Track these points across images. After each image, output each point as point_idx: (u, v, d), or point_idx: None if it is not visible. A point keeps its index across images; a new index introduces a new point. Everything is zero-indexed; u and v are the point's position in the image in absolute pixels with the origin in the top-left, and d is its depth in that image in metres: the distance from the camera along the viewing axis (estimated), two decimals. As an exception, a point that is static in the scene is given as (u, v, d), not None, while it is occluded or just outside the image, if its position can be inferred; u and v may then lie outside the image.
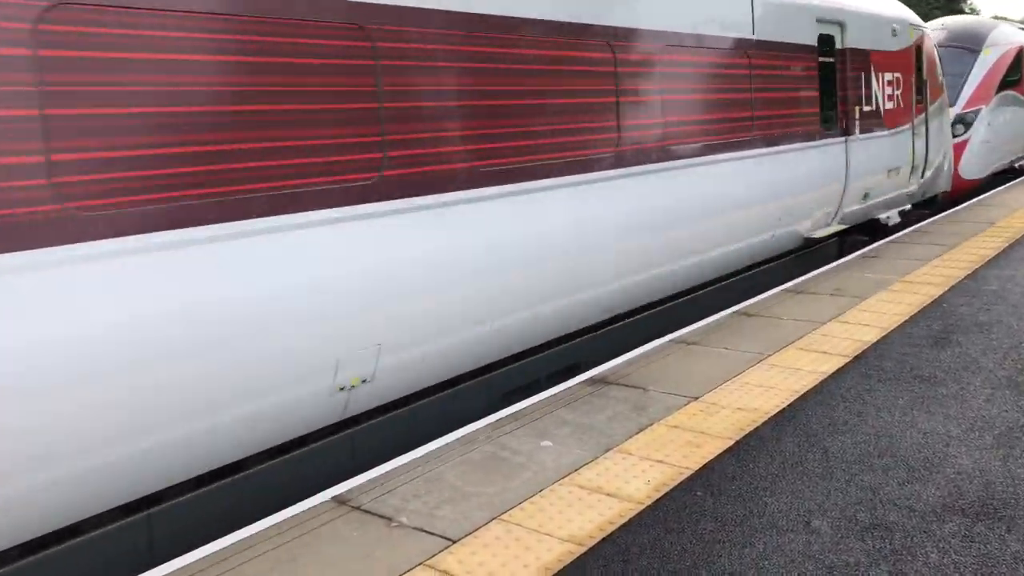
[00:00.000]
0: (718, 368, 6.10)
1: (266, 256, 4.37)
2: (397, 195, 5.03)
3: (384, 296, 4.94)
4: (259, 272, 4.33)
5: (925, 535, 3.71)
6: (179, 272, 4.01)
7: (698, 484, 4.30)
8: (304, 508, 4.17)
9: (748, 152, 8.55)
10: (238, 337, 4.22)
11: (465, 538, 3.82)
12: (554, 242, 6.19)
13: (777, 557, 3.59)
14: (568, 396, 5.64)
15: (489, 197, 5.66)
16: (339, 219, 4.71)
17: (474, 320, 5.59)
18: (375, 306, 4.90)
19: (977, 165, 16.72)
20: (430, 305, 5.25)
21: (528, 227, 5.98)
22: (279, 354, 4.42)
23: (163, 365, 3.93)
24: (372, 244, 4.89)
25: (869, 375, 5.85)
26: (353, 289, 4.76)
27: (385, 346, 4.96)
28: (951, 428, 4.86)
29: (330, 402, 4.81)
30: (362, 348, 4.81)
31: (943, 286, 8.36)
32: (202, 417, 4.16)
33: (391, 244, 5.00)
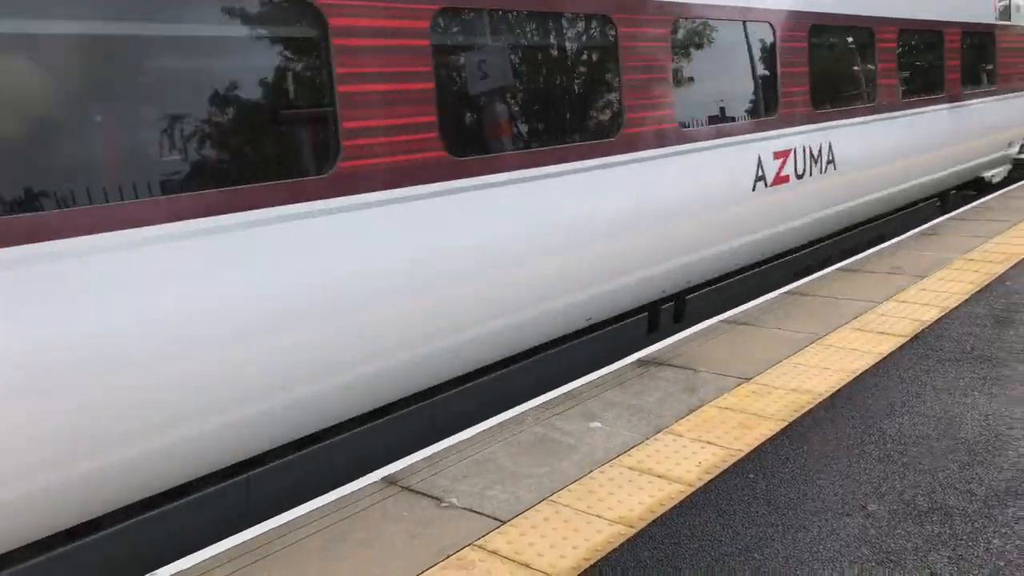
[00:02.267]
0: (770, 349, 5.99)
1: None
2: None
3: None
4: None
5: (987, 520, 3.60)
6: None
7: (750, 467, 4.24)
8: (354, 488, 4.21)
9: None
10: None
11: (514, 519, 3.83)
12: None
13: (832, 542, 3.52)
14: (617, 377, 5.60)
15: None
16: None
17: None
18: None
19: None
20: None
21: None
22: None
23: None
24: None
25: (928, 355, 5.69)
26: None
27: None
28: (1014, 410, 4.71)
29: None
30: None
31: (1005, 263, 8.09)
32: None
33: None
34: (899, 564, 3.32)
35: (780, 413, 4.84)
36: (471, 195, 5.03)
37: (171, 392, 3.76)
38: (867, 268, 8.31)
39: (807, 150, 8.23)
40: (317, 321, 4.27)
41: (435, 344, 4.90)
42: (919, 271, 8.02)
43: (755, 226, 7.63)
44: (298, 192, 4.18)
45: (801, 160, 8.15)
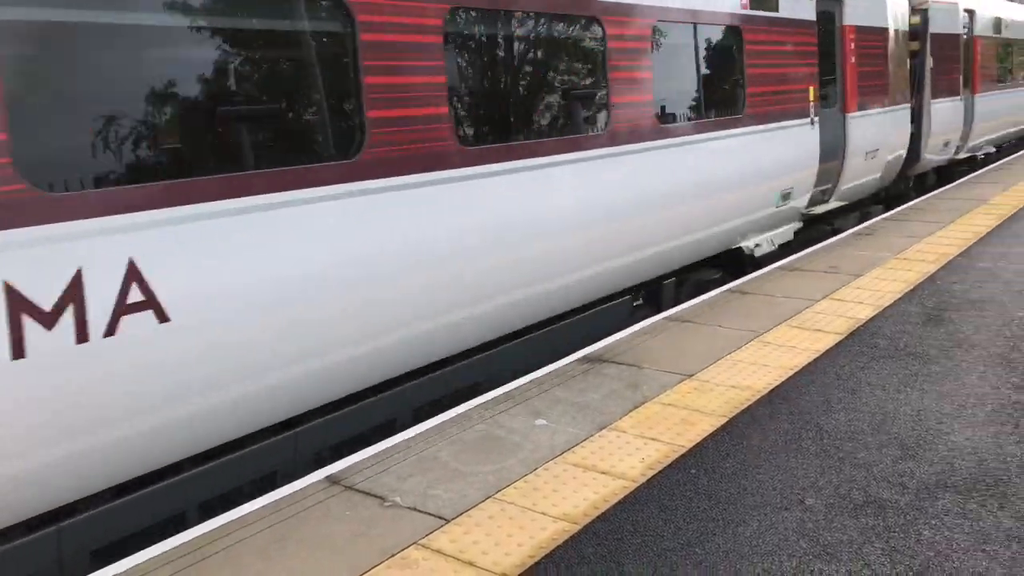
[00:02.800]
0: (712, 346, 6.09)
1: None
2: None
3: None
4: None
5: (918, 512, 3.72)
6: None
7: (692, 462, 4.30)
8: (296, 488, 4.15)
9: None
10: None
11: (459, 517, 3.82)
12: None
13: (771, 535, 3.59)
14: (562, 375, 5.63)
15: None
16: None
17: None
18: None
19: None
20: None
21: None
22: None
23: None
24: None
25: (863, 352, 5.85)
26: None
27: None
28: (944, 405, 4.87)
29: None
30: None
31: (937, 263, 8.36)
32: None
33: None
34: (835, 557, 3.41)
35: (721, 409, 4.92)
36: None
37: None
38: (805, 267, 8.50)
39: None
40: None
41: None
42: (855, 270, 8.24)
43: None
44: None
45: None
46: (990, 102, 17.47)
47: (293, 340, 4.47)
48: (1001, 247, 9.05)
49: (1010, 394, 4.98)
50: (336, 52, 4.78)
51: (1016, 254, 8.67)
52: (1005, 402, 4.86)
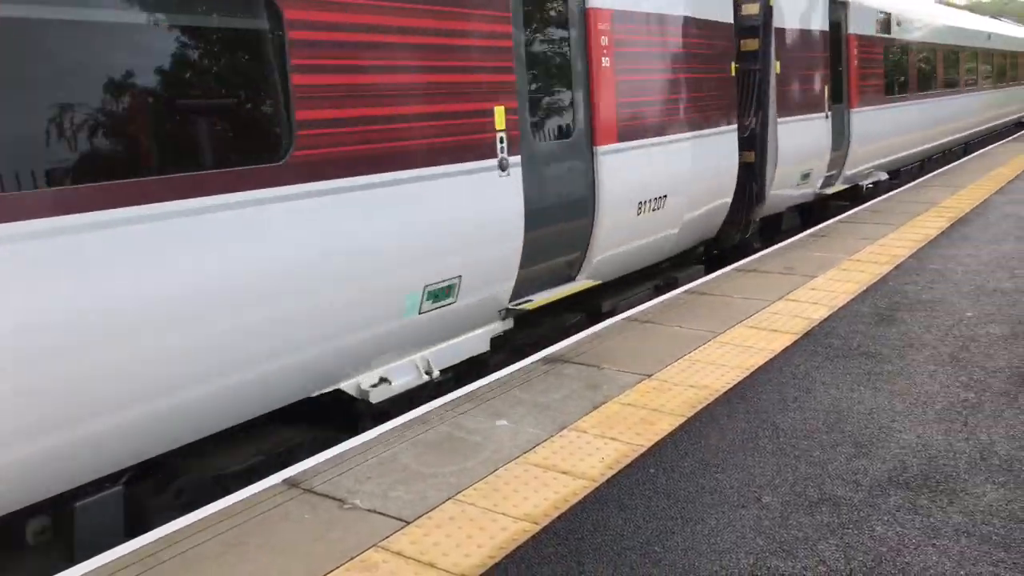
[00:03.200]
0: (671, 346, 6.15)
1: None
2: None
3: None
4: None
5: (871, 508, 3.79)
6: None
7: (651, 461, 4.34)
8: (254, 491, 4.11)
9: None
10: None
11: (419, 519, 3.81)
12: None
13: (728, 533, 3.64)
14: (523, 375, 5.64)
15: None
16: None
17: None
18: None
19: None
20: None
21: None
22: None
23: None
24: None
25: (818, 352, 5.95)
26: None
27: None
28: (896, 404, 4.97)
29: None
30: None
31: (889, 265, 8.54)
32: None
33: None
34: (791, 553, 3.46)
35: (679, 409, 4.97)
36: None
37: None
38: (762, 268, 8.63)
39: None
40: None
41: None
42: (810, 271, 8.38)
43: None
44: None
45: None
46: (876, 118, 14.00)
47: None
48: (951, 249, 9.27)
49: (959, 392, 5.10)
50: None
51: (965, 256, 8.90)
52: (954, 400, 4.98)
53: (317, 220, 4.71)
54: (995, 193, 13.34)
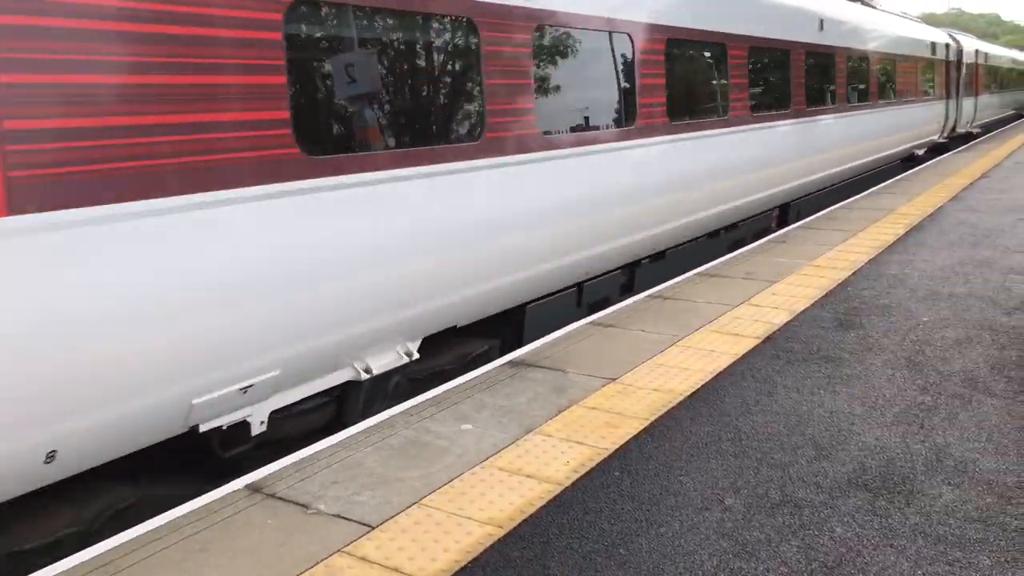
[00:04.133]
0: (635, 350, 6.19)
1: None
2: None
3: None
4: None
5: (831, 510, 3.85)
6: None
7: (616, 465, 4.36)
8: (216, 497, 4.05)
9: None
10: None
11: (384, 524, 3.79)
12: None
13: (692, 535, 3.67)
14: (488, 379, 5.64)
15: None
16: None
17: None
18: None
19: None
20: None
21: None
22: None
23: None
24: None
25: (779, 356, 6.03)
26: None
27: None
28: (855, 407, 5.06)
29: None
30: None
31: (848, 270, 8.69)
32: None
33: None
34: (754, 555, 3.50)
35: (644, 412, 5.01)
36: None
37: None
38: (724, 273, 8.72)
39: None
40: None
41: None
42: (771, 276, 8.49)
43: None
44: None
45: None
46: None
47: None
48: (907, 255, 9.47)
49: (916, 395, 5.21)
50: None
51: (921, 261, 9.09)
52: (911, 403, 5.09)
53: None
54: (949, 201, 13.65)
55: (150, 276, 3.96)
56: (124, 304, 3.87)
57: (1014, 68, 41.39)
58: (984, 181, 16.30)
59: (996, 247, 9.77)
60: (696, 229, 9.62)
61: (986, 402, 5.07)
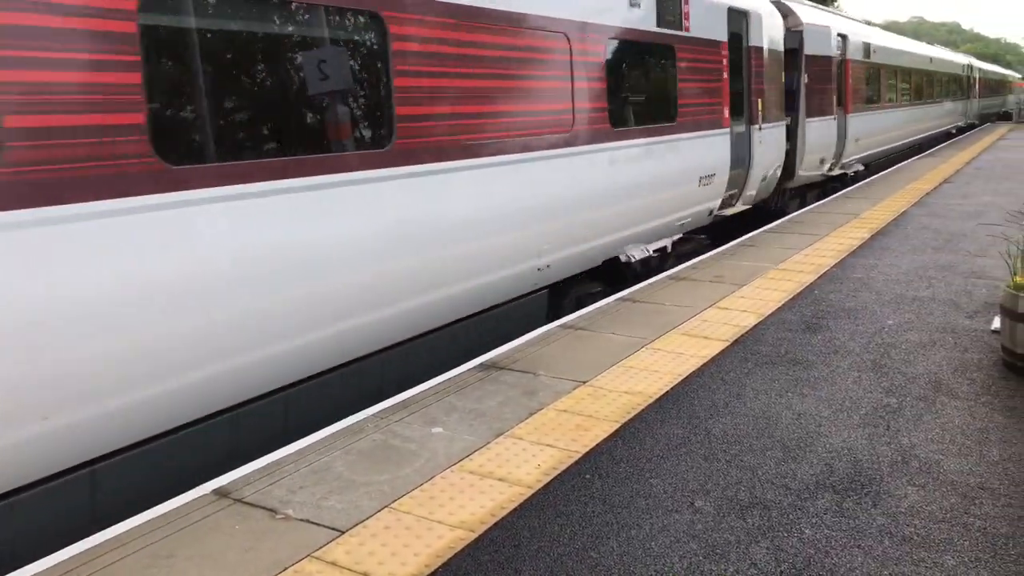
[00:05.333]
0: (605, 353, 6.20)
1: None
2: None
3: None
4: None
5: (800, 512, 3.89)
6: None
7: (587, 467, 4.36)
8: (183, 502, 3.99)
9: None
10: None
11: (354, 528, 3.75)
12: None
13: (663, 537, 3.68)
14: (459, 382, 5.62)
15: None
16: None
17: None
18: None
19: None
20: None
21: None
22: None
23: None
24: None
25: (747, 359, 6.08)
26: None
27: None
28: (822, 409, 5.11)
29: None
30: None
31: (814, 273, 8.79)
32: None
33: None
34: (724, 557, 3.52)
35: (614, 415, 5.02)
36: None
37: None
38: (692, 277, 8.78)
39: None
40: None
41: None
42: (738, 280, 8.56)
43: None
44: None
45: None
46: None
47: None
48: (872, 259, 9.60)
49: (881, 398, 5.28)
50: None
51: (886, 265, 9.22)
52: (877, 405, 5.15)
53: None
54: (913, 206, 13.87)
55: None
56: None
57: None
58: (947, 186, 16.60)
59: (958, 251, 9.95)
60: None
61: (949, 404, 5.15)
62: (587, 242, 8.03)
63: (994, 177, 18.15)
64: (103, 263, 3.96)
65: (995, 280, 8.22)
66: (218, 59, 4.67)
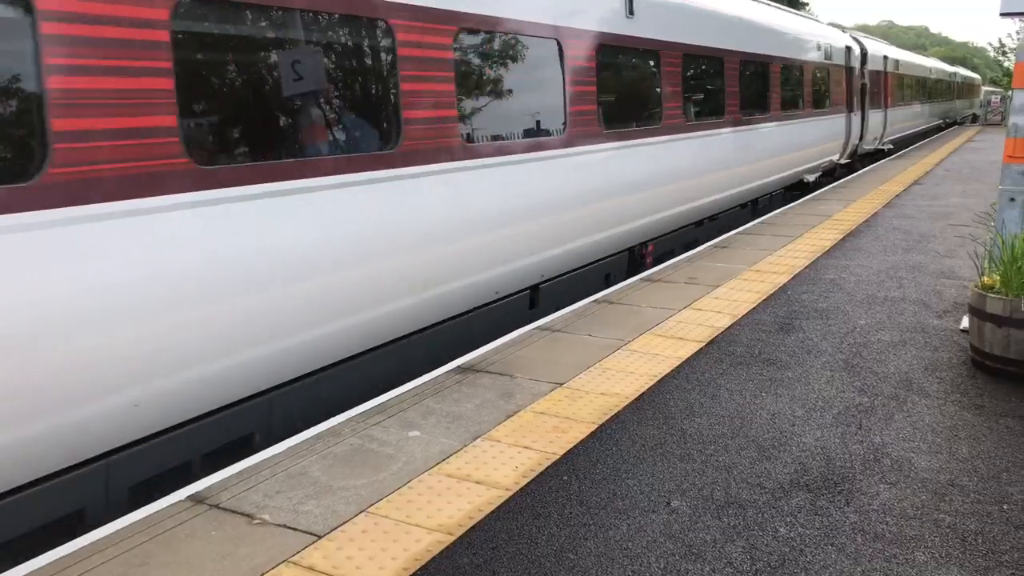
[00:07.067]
0: (582, 354, 6.23)
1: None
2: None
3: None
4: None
5: (774, 510, 3.93)
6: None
7: (564, 469, 4.38)
8: (158, 508, 3.96)
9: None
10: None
11: (331, 533, 3.74)
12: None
13: (640, 538, 3.71)
14: (436, 385, 5.62)
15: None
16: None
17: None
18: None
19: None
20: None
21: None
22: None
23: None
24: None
25: (722, 359, 6.13)
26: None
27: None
28: (796, 409, 5.17)
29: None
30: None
31: (787, 275, 8.88)
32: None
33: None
34: (700, 556, 3.55)
35: (591, 416, 5.04)
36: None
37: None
38: (667, 278, 8.84)
39: None
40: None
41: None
42: (712, 281, 8.63)
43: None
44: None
45: None
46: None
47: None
48: (844, 260, 9.72)
49: (854, 397, 5.35)
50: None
51: (857, 266, 9.34)
52: (849, 404, 5.22)
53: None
54: (884, 207, 14.06)
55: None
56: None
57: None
58: (917, 187, 16.83)
59: (928, 252, 10.10)
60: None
61: (920, 403, 5.23)
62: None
63: (962, 179, 18.43)
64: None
65: (964, 280, 8.36)
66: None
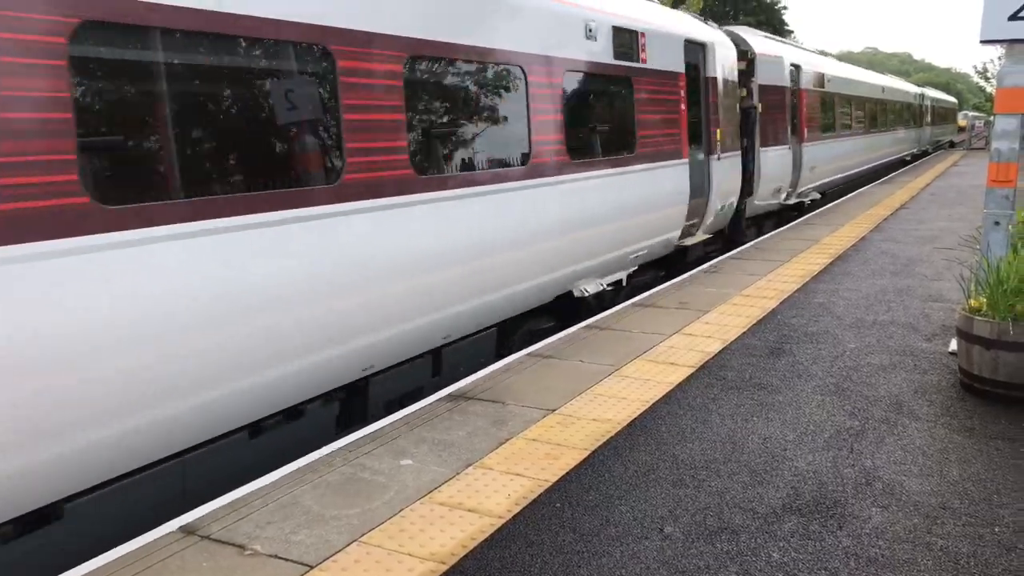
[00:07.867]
0: (573, 380, 6.24)
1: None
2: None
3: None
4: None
5: (767, 535, 3.93)
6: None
7: (556, 496, 4.37)
8: (148, 540, 3.93)
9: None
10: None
11: (323, 563, 3.72)
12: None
13: (633, 565, 3.70)
14: (427, 413, 5.61)
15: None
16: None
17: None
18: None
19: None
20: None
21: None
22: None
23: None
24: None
25: (713, 384, 6.15)
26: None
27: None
28: (787, 433, 5.18)
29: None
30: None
31: (777, 299, 8.93)
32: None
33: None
34: (693, 582, 3.54)
35: (583, 443, 5.04)
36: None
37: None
38: (657, 303, 8.87)
39: None
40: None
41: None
42: (703, 306, 8.67)
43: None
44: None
45: None
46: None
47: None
48: (833, 284, 9.78)
49: (844, 420, 5.36)
50: None
51: (846, 290, 9.39)
52: (840, 428, 5.24)
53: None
54: (872, 231, 14.17)
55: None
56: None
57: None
58: (904, 211, 16.98)
59: (915, 275, 10.17)
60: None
61: (910, 426, 5.25)
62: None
63: (948, 203, 18.61)
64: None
65: (951, 303, 8.42)
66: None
